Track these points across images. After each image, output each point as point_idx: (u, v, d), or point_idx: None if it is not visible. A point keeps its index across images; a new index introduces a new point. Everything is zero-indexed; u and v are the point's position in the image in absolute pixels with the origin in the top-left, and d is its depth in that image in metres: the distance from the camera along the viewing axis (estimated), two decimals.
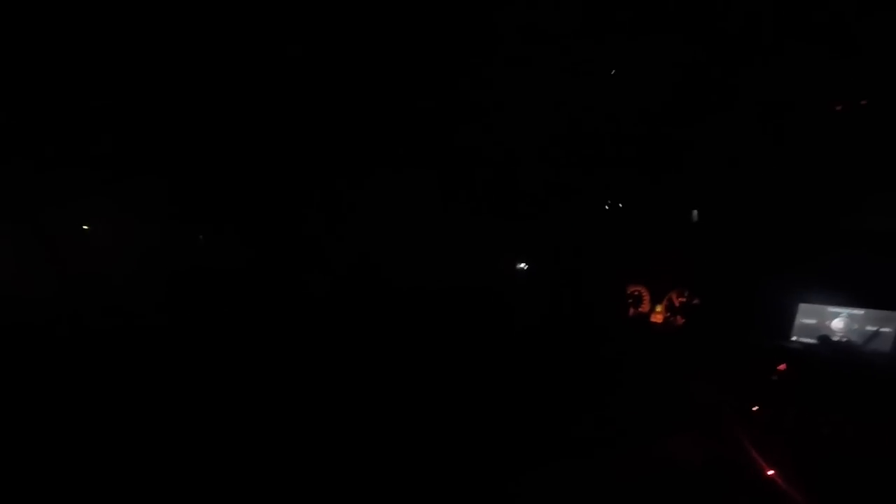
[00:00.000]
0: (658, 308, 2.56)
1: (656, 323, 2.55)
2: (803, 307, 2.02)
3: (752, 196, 2.23)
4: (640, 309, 2.64)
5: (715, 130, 2.07)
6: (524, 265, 3.01)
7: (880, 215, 1.94)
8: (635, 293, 2.67)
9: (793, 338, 2.01)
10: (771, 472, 1.68)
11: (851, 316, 1.90)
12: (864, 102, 1.70)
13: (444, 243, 2.93)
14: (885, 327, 1.80)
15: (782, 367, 1.89)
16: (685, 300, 2.46)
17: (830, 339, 1.90)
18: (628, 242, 2.71)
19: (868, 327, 1.85)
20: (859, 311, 1.88)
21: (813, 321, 1.98)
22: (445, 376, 2.54)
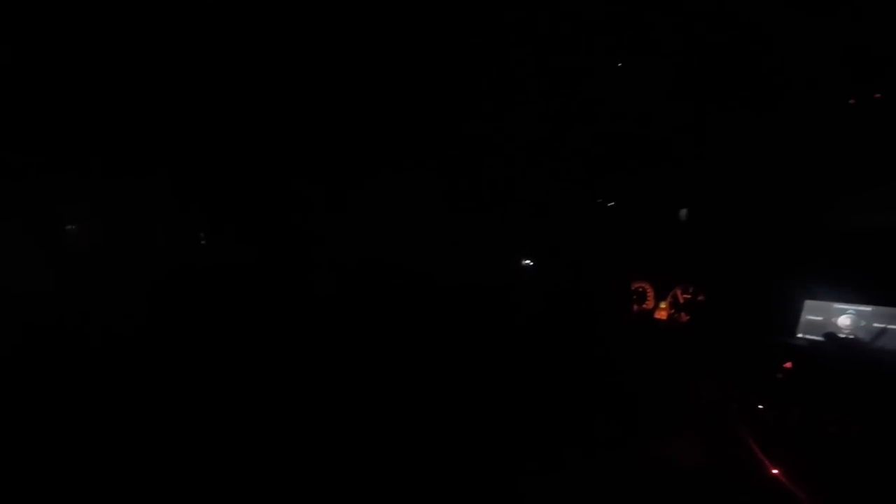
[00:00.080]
0: (662, 305, 2.54)
1: (660, 320, 2.53)
2: (809, 303, 1.99)
3: (758, 192, 2.20)
4: (644, 306, 2.62)
5: (717, 126, 2.04)
6: (529, 262, 3.00)
7: (886, 211, 1.91)
8: (639, 290, 2.65)
9: (798, 335, 1.99)
10: (776, 471, 1.67)
11: (858, 312, 1.87)
12: (878, 96, 1.67)
13: (450, 241, 2.92)
14: (893, 324, 1.78)
15: (788, 365, 1.87)
16: (689, 297, 2.44)
17: (837, 337, 1.87)
18: (632, 239, 2.69)
19: (875, 324, 1.82)
20: (866, 308, 1.86)
21: (819, 318, 1.96)
22: (446, 375, 2.54)
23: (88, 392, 2.27)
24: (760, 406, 1.85)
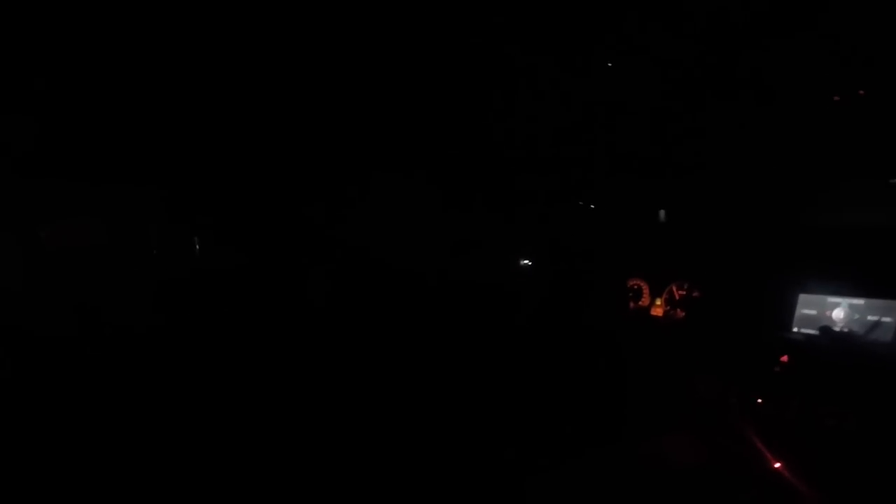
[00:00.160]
0: (658, 301, 2.56)
1: (656, 316, 2.55)
2: (803, 297, 2.02)
3: (750, 187, 2.22)
4: (640, 303, 2.64)
5: (710, 123, 2.06)
6: (527, 262, 3.00)
7: (875, 206, 1.94)
8: (635, 287, 2.66)
9: (794, 329, 2.01)
10: (777, 465, 1.69)
11: (852, 306, 1.90)
12: (862, 93, 1.69)
13: (450, 241, 2.92)
14: (886, 317, 1.80)
15: (784, 359, 1.89)
16: (685, 293, 2.46)
17: (832, 330, 1.90)
18: (626, 237, 2.71)
19: (869, 317, 1.85)
20: (859, 301, 1.89)
21: (813, 312, 1.99)
22: (446, 374, 2.53)
23: (84, 395, 2.22)
24: (759, 400, 1.87)
